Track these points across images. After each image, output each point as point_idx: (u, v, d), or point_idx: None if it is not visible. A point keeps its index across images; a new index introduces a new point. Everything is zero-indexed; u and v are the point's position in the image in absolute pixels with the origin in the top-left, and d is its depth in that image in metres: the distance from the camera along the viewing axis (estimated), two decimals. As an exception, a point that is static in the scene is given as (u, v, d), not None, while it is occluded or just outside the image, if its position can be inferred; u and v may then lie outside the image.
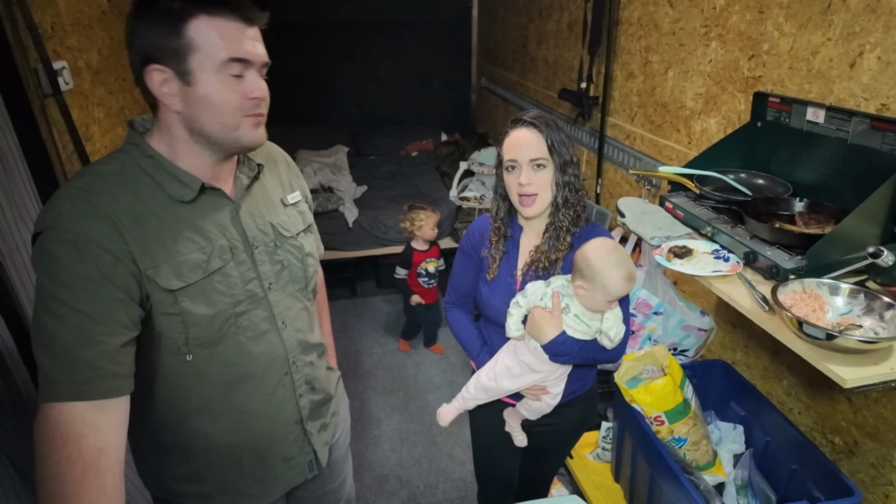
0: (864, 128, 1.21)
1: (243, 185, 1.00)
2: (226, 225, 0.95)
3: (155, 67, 0.84)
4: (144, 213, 0.87)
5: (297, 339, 1.07)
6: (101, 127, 1.74)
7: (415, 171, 4.21)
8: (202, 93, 0.85)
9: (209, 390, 0.98)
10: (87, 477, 0.74)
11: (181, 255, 0.89)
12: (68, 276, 0.80)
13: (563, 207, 1.28)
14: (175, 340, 0.91)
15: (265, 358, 1.01)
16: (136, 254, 0.84)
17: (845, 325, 1.04)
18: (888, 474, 1.36)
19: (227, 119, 0.88)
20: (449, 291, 1.50)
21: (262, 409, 1.03)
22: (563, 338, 1.22)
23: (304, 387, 1.10)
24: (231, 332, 0.96)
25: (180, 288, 0.88)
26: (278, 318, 1.03)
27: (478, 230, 1.41)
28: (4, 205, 1.31)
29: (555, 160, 1.25)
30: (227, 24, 0.85)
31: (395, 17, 4.63)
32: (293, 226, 1.08)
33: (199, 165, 0.92)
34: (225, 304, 0.94)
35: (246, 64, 0.87)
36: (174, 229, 0.89)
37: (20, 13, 1.37)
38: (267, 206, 1.04)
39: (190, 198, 0.91)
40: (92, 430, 0.78)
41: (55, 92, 1.48)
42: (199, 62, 0.84)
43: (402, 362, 3.03)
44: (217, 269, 0.92)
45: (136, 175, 0.89)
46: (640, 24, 2.19)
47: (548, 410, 1.36)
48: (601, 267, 1.17)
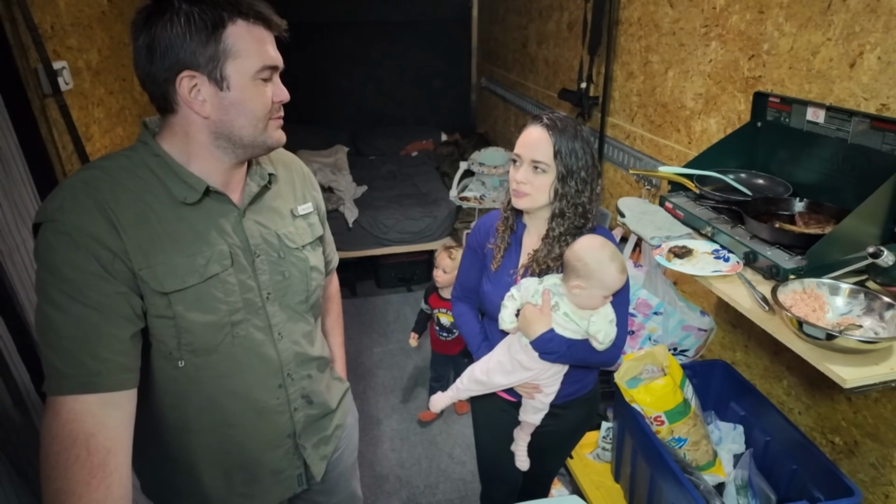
0: (864, 128, 1.21)
1: (252, 192, 0.99)
2: (228, 231, 0.94)
3: (187, 74, 0.84)
4: (145, 212, 0.86)
5: (293, 351, 1.04)
6: (101, 127, 1.74)
7: (415, 171, 4.21)
8: (237, 98, 0.87)
9: (200, 400, 0.96)
10: (94, 477, 0.74)
11: (179, 257, 0.88)
12: (70, 270, 0.80)
13: (557, 217, 1.27)
14: (167, 345, 0.90)
15: (259, 369, 0.99)
16: (130, 252, 0.84)
17: (845, 325, 1.04)
18: (888, 474, 1.36)
19: (257, 122, 0.90)
20: (456, 286, 1.53)
21: (253, 421, 1.01)
22: (552, 335, 1.23)
23: (299, 400, 1.07)
24: (226, 342, 0.94)
25: (174, 291, 0.87)
26: (275, 329, 1.01)
27: (484, 226, 1.42)
28: (4, 205, 1.31)
29: (558, 168, 1.22)
30: (259, 31, 0.87)
31: (395, 17, 4.63)
32: (299, 237, 1.06)
33: (213, 170, 0.92)
34: (221, 311, 0.92)
35: (274, 70, 0.90)
36: (174, 230, 0.88)
37: (20, 13, 1.37)
38: (274, 216, 1.03)
39: (193, 200, 0.90)
40: (102, 429, 0.77)
41: (55, 92, 1.48)
42: (235, 68, 0.85)
43: (403, 362, 3.03)
44: (214, 274, 0.91)
45: (142, 173, 0.89)
46: (640, 24, 2.19)
47: (542, 408, 1.37)
48: (597, 264, 1.18)
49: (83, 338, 0.79)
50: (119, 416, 0.81)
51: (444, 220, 3.54)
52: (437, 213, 3.52)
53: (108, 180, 0.85)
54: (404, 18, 4.66)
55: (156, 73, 0.85)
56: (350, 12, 4.53)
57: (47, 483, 0.74)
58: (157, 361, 0.92)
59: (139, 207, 0.86)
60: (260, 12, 0.86)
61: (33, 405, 1.36)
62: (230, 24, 0.84)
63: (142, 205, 0.86)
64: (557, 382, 1.34)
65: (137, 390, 0.89)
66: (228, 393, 0.97)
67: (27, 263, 1.38)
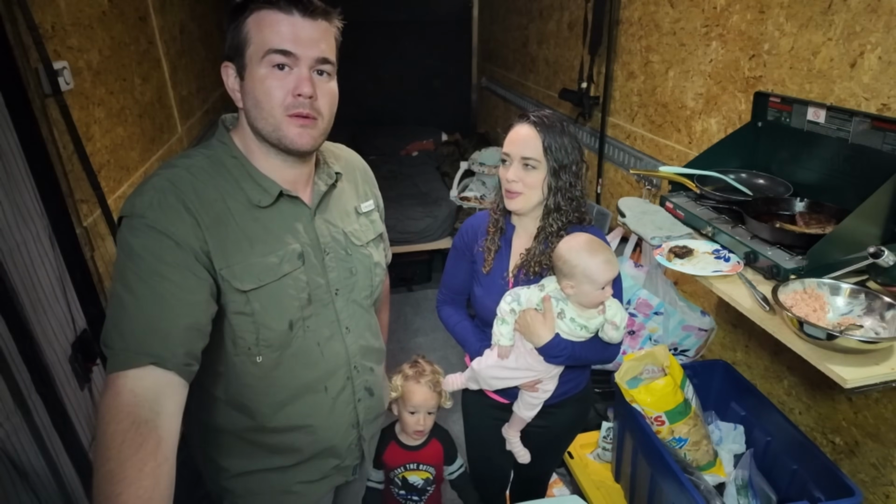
0: (865, 128, 1.21)
1: (321, 191, 1.01)
2: (300, 230, 0.97)
3: (226, 64, 0.88)
4: (224, 213, 0.89)
5: (359, 344, 1.08)
6: (102, 127, 1.74)
7: (415, 171, 4.22)
8: (249, 86, 0.88)
9: (278, 393, 1.00)
10: (147, 464, 0.74)
11: (255, 257, 0.91)
12: (152, 258, 0.82)
13: (554, 212, 1.26)
14: (246, 340, 0.93)
15: (330, 362, 1.03)
16: (212, 252, 0.87)
17: (846, 325, 1.04)
18: (889, 474, 1.35)
19: (269, 115, 0.87)
20: (440, 289, 1.49)
21: (325, 412, 1.05)
22: (557, 340, 1.23)
23: (363, 392, 1.11)
24: (298, 336, 0.98)
25: (252, 289, 0.90)
26: (342, 323, 1.04)
27: (471, 228, 1.40)
28: (4, 204, 1.31)
29: (549, 163, 1.22)
30: (277, 15, 0.85)
31: (395, 17, 4.63)
32: (364, 235, 1.09)
33: (274, 168, 0.94)
34: (293, 307, 0.95)
35: (292, 57, 0.85)
36: (250, 231, 0.91)
37: (20, 13, 1.37)
38: (341, 214, 1.06)
39: (267, 203, 0.93)
40: (156, 415, 0.77)
41: (55, 92, 1.47)
42: (249, 55, 0.86)
43: (402, 362, 3.03)
44: (288, 272, 0.94)
45: (221, 174, 0.91)
46: (641, 24, 2.19)
47: (537, 405, 1.36)
48: (577, 260, 1.18)
49: (155, 319, 0.80)
50: (172, 407, 0.80)
51: (444, 220, 3.54)
52: (437, 213, 3.52)
53: (192, 181, 0.88)
54: (405, 18, 4.66)
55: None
56: (350, 12, 4.51)
57: (101, 462, 0.73)
58: (237, 358, 0.95)
59: (219, 208, 0.89)
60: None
61: (33, 405, 1.36)
62: (252, 11, 0.85)
63: (221, 205, 0.89)
64: (555, 380, 1.34)
65: (216, 386, 0.95)
66: (303, 386, 1.01)
67: (27, 263, 1.38)
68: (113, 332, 0.80)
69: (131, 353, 0.78)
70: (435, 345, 3.17)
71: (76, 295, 1.51)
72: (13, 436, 1.28)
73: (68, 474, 1.41)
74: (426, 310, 3.51)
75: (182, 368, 0.81)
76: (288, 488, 1.10)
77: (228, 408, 1.01)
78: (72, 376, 1.46)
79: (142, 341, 0.79)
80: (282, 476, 1.08)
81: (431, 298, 3.63)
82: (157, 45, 2.34)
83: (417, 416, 1.48)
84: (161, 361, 0.79)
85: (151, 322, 0.80)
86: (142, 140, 2.05)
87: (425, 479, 1.59)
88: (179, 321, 0.82)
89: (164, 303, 0.81)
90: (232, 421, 1.02)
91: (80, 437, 1.44)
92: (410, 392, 1.47)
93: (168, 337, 0.80)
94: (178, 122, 2.54)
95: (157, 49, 2.34)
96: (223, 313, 0.91)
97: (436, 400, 1.49)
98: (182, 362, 0.81)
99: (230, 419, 1.01)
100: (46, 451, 1.35)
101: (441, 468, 1.61)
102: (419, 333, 3.28)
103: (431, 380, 1.49)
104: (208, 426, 1.04)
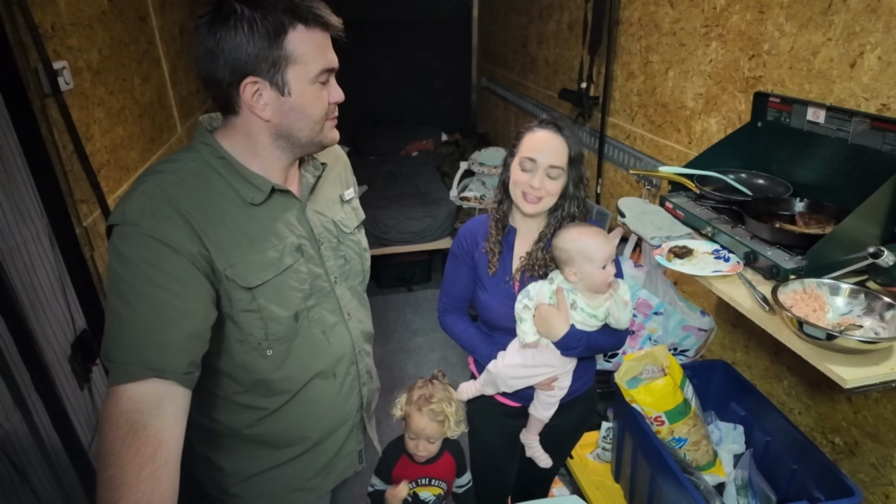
0: (865, 128, 1.21)
1: (309, 183, 1.04)
2: (294, 223, 0.99)
3: (251, 80, 0.86)
4: (219, 214, 0.90)
5: (360, 329, 1.13)
6: (101, 127, 1.74)
7: (415, 171, 4.22)
8: (297, 102, 0.89)
9: (289, 384, 1.02)
10: (144, 468, 0.75)
11: (256, 254, 0.92)
12: (149, 268, 0.82)
13: (567, 219, 1.29)
14: (255, 336, 0.95)
15: (337, 349, 1.07)
16: (213, 256, 0.87)
17: (846, 325, 1.04)
18: (888, 474, 1.35)
19: (315, 124, 0.93)
20: (441, 297, 1.47)
21: (335, 399, 1.09)
22: (574, 331, 1.25)
23: (365, 375, 1.16)
24: (304, 326, 1.00)
25: (258, 285, 0.92)
26: (344, 310, 1.08)
27: (469, 233, 1.39)
28: (4, 204, 1.31)
29: (571, 173, 1.26)
30: (318, 35, 0.88)
31: (395, 17, 4.63)
32: (350, 222, 1.13)
33: (273, 168, 0.96)
34: (297, 298, 0.98)
35: (331, 72, 0.92)
36: (247, 229, 0.92)
37: (20, 13, 1.37)
38: (329, 204, 1.09)
39: (261, 200, 0.94)
40: (155, 419, 0.78)
41: (55, 92, 1.47)
42: (295, 74, 0.87)
43: (402, 362, 3.03)
44: (289, 266, 0.96)
45: (209, 175, 0.91)
46: (641, 24, 2.19)
47: (554, 403, 1.37)
48: (571, 244, 1.22)
49: (154, 332, 0.81)
50: (172, 411, 0.81)
51: (444, 220, 3.54)
52: (437, 213, 3.52)
53: (182, 186, 0.88)
54: (405, 18, 4.66)
55: (220, 77, 0.86)
56: (350, 12, 4.51)
57: (102, 469, 0.75)
58: (248, 354, 0.96)
59: (213, 210, 0.89)
60: (319, 16, 0.87)
61: (33, 405, 1.36)
62: (291, 29, 0.85)
63: (215, 207, 0.90)
64: (570, 376, 1.35)
65: (228, 385, 0.97)
66: (314, 374, 1.04)
67: (27, 263, 1.38)
68: (113, 348, 0.81)
69: (132, 367, 0.79)
70: (434, 345, 3.17)
71: (76, 295, 1.51)
72: (13, 436, 1.28)
73: (68, 474, 1.41)
74: (426, 310, 3.51)
75: (183, 378, 0.82)
76: (300, 485, 1.11)
77: (234, 405, 1.01)
78: (71, 376, 1.46)
79: (142, 355, 0.79)
80: (291, 471, 1.09)
81: (431, 298, 3.63)
82: (157, 44, 2.34)
83: (416, 441, 1.45)
84: (162, 373, 0.80)
85: (151, 335, 0.80)
86: (141, 140, 2.05)
87: (437, 495, 1.51)
88: (179, 332, 0.82)
89: (162, 314, 0.81)
90: (238, 419, 1.02)
91: (79, 437, 1.44)
92: (410, 417, 1.44)
93: (168, 349, 0.81)
94: (177, 122, 2.54)
95: (157, 49, 2.34)
96: (227, 315, 0.92)
97: (436, 430, 1.41)
98: (183, 371, 0.82)
99: (236, 417, 1.02)
100: (46, 451, 1.35)
101: (452, 482, 1.54)
102: (419, 333, 3.28)
103: (435, 409, 1.40)
104: (211, 430, 1.04)
